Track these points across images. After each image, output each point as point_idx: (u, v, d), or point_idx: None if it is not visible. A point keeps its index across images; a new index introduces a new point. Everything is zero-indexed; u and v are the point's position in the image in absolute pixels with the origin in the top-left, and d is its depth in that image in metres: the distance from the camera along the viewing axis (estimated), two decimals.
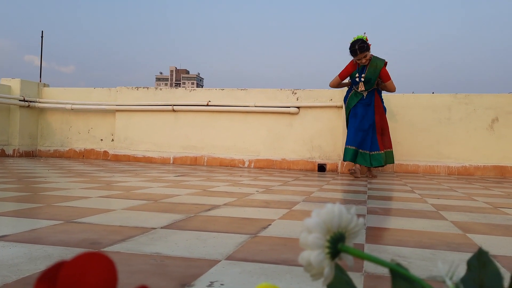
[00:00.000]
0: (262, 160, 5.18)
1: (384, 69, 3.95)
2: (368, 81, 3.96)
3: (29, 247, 0.99)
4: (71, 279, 0.25)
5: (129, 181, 2.81)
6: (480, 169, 4.81)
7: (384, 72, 3.95)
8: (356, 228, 0.34)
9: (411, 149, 5.03)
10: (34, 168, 3.73)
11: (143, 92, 5.70)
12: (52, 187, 2.29)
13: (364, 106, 4.01)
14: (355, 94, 4.06)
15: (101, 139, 5.83)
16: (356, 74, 4.00)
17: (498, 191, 2.96)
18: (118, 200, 1.86)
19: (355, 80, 4.03)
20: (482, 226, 1.52)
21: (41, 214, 1.45)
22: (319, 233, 0.32)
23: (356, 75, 4.00)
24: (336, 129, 5.01)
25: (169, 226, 1.31)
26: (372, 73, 3.93)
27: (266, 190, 2.54)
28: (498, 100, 4.89)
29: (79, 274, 0.25)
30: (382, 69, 3.94)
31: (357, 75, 3.99)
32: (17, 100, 5.61)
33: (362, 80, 3.96)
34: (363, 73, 3.96)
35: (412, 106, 5.06)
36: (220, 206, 1.79)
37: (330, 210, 0.32)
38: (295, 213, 1.68)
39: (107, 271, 0.26)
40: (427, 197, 2.41)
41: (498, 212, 1.91)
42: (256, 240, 1.16)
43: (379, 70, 3.93)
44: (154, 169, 4.10)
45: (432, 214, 1.77)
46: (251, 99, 5.32)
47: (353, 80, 4.06)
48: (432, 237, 1.29)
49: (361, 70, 3.98)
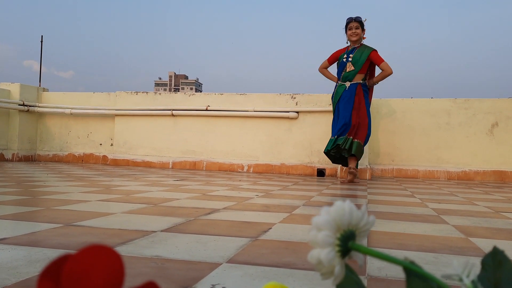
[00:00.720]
0: (261, 164, 5.17)
1: (375, 53, 3.97)
2: (355, 62, 3.96)
3: (28, 250, 0.98)
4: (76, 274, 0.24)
5: (128, 185, 2.79)
6: (480, 174, 4.81)
7: (375, 55, 3.97)
8: (367, 226, 0.33)
9: (410, 154, 5.02)
10: (33, 172, 3.72)
11: (142, 97, 5.69)
12: (51, 190, 2.28)
13: (345, 100, 3.99)
14: (339, 87, 4.07)
15: (100, 144, 5.82)
16: (344, 56, 4.04)
17: (498, 196, 2.96)
18: (118, 204, 1.85)
19: (343, 61, 4.04)
20: (484, 230, 1.51)
21: (40, 217, 1.44)
22: (329, 231, 0.31)
23: (344, 56, 4.04)
24: None
25: (169, 229, 1.30)
26: (360, 55, 3.97)
27: (266, 194, 2.53)
28: (498, 105, 4.89)
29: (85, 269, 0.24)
30: (372, 53, 3.96)
31: (345, 56, 4.03)
32: (17, 105, 5.60)
33: (350, 60, 3.97)
34: (351, 53, 4.00)
35: (411, 110, 5.06)
36: (220, 210, 1.77)
37: (340, 207, 0.31)
38: (296, 217, 1.67)
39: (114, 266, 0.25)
40: (427, 202, 2.40)
41: (499, 216, 1.90)
42: (257, 243, 1.14)
43: (367, 53, 3.95)
44: (153, 174, 4.09)
45: (433, 218, 1.76)
46: (250, 103, 5.31)
47: (341, 63, 4.07)
48: (434, 241, 1.28)
49: (350, 52, 4.03)
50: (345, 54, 4.04)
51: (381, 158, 5.10)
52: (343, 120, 3.95)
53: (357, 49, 4.00)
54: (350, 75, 4.00)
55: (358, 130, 3.96)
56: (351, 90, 4.00)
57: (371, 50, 3.98)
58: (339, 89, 4.07)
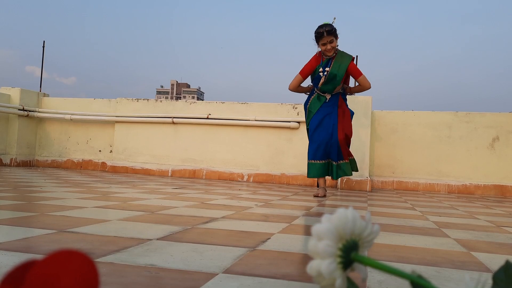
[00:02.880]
0: (262, 174, 5.14)
1: (353, 64, 3.47)
2: (333, 77, 3.42)
3: (20, 256, 0.95)
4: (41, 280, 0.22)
5: (126, 192, 2.77)
6: (481, 188, 4.78)
7: (353, 67, 3.46)
8: (372, 236, 0.31)
9: (411, 166, 5.00)
10: (31, 177, 3.69)
11: (143, 104, 5.69)
12: (47, 196, 2.25)
13: (328, 112, 3.48)
14: (318, 98, 3.52)
15: (99, 150, 5.80)
16: (320, 69, 3.46)
17: (499, 210, 2.93)
18: (114, 211, 1.82)
19: (318, 75, 3.47)
20: (485, 244, 1.49)
21: (35, 223, 1.41)
22: (330, 240, 0.28)
23: (320, 70, 3.46)
24: None
25: (166, 237, 1.27)
26: (337, 68, 3.42)
27: (265, 204, 2.50)
28: (499, 119, 4.88)
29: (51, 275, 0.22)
30: (350, 64, 3.44)
31: (320, 69, 3.46)
32: (16, 109, 5.59)
33: (326, 75, 3.43)
34: (327, 66, 3.44)
35: (412, 123, 5.05)
36: (218, 218, 1.75)
37: (342, 215, 0.29)
38: (295, 227, 1.65)
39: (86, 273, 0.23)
40: (428, 215, 2.37)
41: (501, 230, 1.88)
42: (255, 253, 1.12)
43: (345, 66, 3.42)
44: (152, 181, 4.06)
45: (434, 231, 1.73)
46: (251, 113, 5.30)
47: (316, 76, 3.49)
48: (435, 254, 1.25)
49: (325, 64, 3.46)
50: (320, 67, 3.47)
51: (381, 170, 5.08)
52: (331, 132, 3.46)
53: (333, 61, 3.45)
54: (328, 90, 3.48)
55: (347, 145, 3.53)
56: (332, 102, 3.51)
57: (349, 60, 3.45)
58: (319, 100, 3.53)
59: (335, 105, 3.49)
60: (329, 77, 3.43)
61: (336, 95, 3.52)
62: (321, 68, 3.46)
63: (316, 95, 3.54)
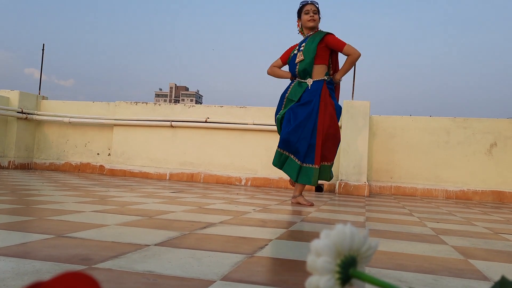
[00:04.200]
0: (260, 178, 5.14)
1: (332, 36, 3.09)
2: (306, 51, 3.07)
3: (17, 261, 0.95)
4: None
5: (124, 196, 2.76)
6: (479, 194, 4.79)
7: (332, 39, 3.08)
8: (370, 251, 0.31)
9: (409, 171, 5.00)
10: (29, 180, 3.68)
11: (142, 107, 5.69)
12: (45, 200, 2.25)
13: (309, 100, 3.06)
14: (299, 84, 3.13)
15: (97, 153, 5.79)
16: (296, 48, 3.19)
17: (497, 217, 2.93)
18: (112, 215, 1.82)
19: (294, 54, 3.17)
20: (483, 251, 1.49)
21: (32, 227, 1.41)
22: (329, 257, 0.29)
23: (296, 48, 3.20)
24: None
25: (163, 243, 1.27)
26: (311, 43, 3.10)
27: (263, 209, 2.50)
28: (497, 125, 4.89)
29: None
30: (329, 36, 3.08)
31: (297, 48, 3.19)
32: (15, 112, 5.58)
33: (302, 50, 3.11)
34: (304, 42, 3.16)
35: (410, 128, 5.06)
36: (216, 224, 1.75)
37: (340, 231, 0.29)
38: (293, 233, 1.65)
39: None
40: (426, 221, 2.38)
41: (498, 238, 1.88)
42: (253, 260, 1.12)
43: (318, 38, 3.08)
44: (150, 185, 4.06)
45: (432, 238, 1.74)
46: (250, 116, 5.31)
47: (292, 56, 3.19)
48: (433, 261, 1.25)
49: (302, 41, 3.19)
50: (297, 48, 3.19)
51: (379, 174, 5.08)
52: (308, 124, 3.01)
53: (310, 37, 3.15)
54: (306, 68, 3.07)
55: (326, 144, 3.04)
56: (314, 89, 3.07)
57: (326, 33, 3.11)
58: (300, 86, 3.13)
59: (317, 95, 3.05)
60: (304, 50, 3.09)
61: (319, 82, 3.08)
62: (297, 47, 3.19)
63: (297, 82, 3.16)
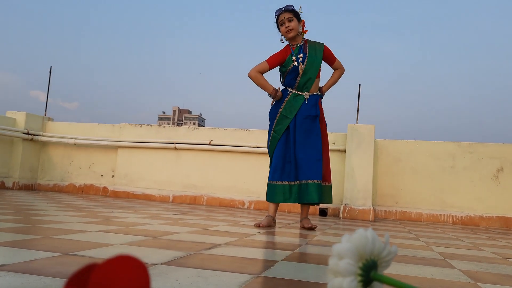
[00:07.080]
0: (263, 201, 5.11)
1: (328, 48, 2.97)
2: (311, 64, 2.87)
3: (26, 277, 0.95)
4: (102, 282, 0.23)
5: (128, 217, 2.76)
6: (485, 220, 4.74)
7: (329, 51, 2.96)
8: (390, 256, 0.31)
9: (414, 196, 4.97)
10: (33, 201, 3.68)
11: (146, 129, 5.72)
12: (50, 220, 2.25)
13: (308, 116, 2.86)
14: (294, 98, 2.87)
15: (101, 175, 5.80)
16: (293, 57, 2.88)
17: (504, 242, 2.90)
18: (117, 235, 1.81)
19: (294, 65, 2.87)
20: (492, 276, 1.47)
21: (39, 245, 1.41)
22: (351, 259, 0.29)
23: (293, 59, 2.88)
24: (339, 173, 4.97)
25: (170, 262, 1.26)
26: (314, 55, 2.90)
27: (267, 232, 2.49)
28: (503, 150, 4.88)
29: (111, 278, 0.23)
30: (326, 48, 2.95)
31: (293, 57, 2.88)
32: (21, 133, 5.62)
33: (304, 61, 2.87)
34: (300, 53, 2.89)
35: (415, 153, 5.05)
36: (221, 245, 1.74)
37: (362, 235, 0.30)
38: (299, 255, 1.63)
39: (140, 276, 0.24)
40: (433, 245, 2.35)
41: (507, 262, 1.86)
42: (260, 280, 1.11)
43: (321, 51, 2.92)
44: (153, 207, 4.04)
45: (440, 262, 1.72)
46: (253, 139, 5.32)
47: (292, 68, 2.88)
48: (442, 285, 1.24)
49: (298, 51, 2.90)
50: (293, 55, 2.88)
51: (384, 199, 5.05)
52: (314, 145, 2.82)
53: (306, 45, 2.93)
54: (309, 81, 2.88)
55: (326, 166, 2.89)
56: (312, 104, 2.88)
57: (323, 44, 2.97)
58: (295, 101, 2.87)
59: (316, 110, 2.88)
60: (308, 62, 2.87)
61: (315, 96, 2.93)
62: (294, 56, 2.89)
63: (292, 95, 2.89)
